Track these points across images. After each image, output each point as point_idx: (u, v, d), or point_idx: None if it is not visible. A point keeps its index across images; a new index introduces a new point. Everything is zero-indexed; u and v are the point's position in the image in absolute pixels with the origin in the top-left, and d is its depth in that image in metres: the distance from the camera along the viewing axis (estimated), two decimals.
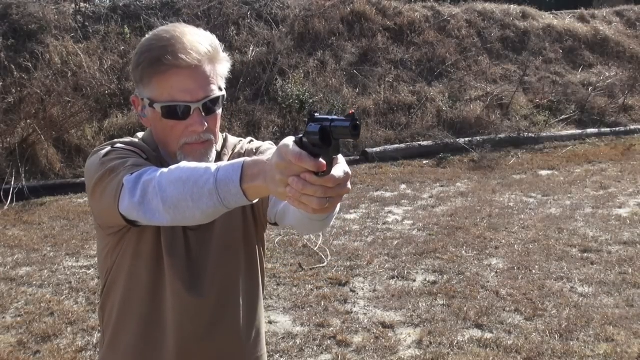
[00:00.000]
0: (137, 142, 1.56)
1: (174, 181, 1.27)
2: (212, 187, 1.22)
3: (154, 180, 1.30)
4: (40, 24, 9.62)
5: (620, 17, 15.22)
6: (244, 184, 1.20)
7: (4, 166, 7.83)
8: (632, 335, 4.06)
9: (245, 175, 1.20)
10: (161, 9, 10.74)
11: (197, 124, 1.46)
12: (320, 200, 1.10)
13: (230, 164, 1.23)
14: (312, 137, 1.08)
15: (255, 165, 1.20)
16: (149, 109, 1.50)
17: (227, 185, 1.21)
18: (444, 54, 12.04)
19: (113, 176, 1.39)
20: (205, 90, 1.47)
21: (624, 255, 5.49)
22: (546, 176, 8.65)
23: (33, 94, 8.63)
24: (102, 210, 1.47)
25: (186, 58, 1.43)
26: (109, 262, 1.57)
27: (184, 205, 1.26)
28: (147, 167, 1.38)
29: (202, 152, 1.50)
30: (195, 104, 1.46)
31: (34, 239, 6.06)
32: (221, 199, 1.22)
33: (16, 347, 3.97)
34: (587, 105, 11.86)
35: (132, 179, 1.33)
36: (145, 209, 1.31)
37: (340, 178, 1.10)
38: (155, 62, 1.44)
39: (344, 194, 1.14)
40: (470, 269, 5.23)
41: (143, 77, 1.48)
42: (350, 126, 1.04)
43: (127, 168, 1.39)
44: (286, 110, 9.92)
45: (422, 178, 8.49)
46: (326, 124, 1.07)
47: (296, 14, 11.62)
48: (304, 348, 3.94)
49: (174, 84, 1.45)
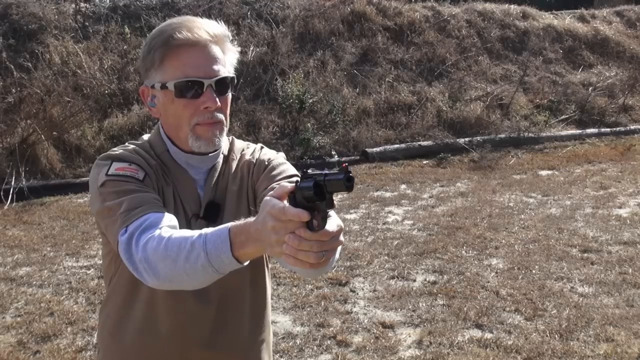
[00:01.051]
0: (139, 151, 1.54)
1: (162, 259, 1.28)
2: (205, 262, 1.24)
3: (144, 251, 1.31)
4: (40, 23, 9.62)
5: (620, 17, 15.21)
6: (235, 252, 1.22)
7: (4, 166, 7.83)
8: (632, 336, 4.06)
9: (234, 244, 1.22)
10: (161, 9, 10.75)
11: (210, 101, 1.46)
12: (317, 255, 1.13)
13: (216, 234, 1.24)
14: (305, 193, 1.11)
15: (241, 231, 1.21)
16: (160, 94, 1.49)
17: (219, 257, 1.23)
18: (444, 54, 12.04)
19: (111, 219, 1.41)
20: (217, 68, 1.48)
21: (624, 255, 5.49)
22: (546, 176, 8.65)
23: (33, 94, 8.63)
24: (104, 233, 1.50)
25: (199, 33, 1.45)
26: (112, 268, 1.58)
27: (179, 279, 1.29)
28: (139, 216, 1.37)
29: (213, 133, 1.50)
30: (208, 80, 1.46)
31: (34, 239, 6.06)
32: (215, 269, 1.25)
33: (16, 347, 3.97)
34: (587, 105, 11.86)
35: (124, 241, 1.35)
36: (140, 276, 1.34)
37: (334, 232, 1.13)
38: (167, 41, 1.45)
39: (338, 247, 1.17)
40: (470, 269, 5.23)
41: (155, 59, 1.48)
42: (344, 179, 1.07)
43: (121, 216, 1.39)
44: (286, 110, 9.91)
45: (422, 178, 8.49)
46: (319, 178, 1.10)
47: (296, 14, 11.62)
48: (304, 348, 3.94)
49: (186, 61, 1.45)
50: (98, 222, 1.49)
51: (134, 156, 1.51)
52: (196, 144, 1.50)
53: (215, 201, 1.55)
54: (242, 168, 1.60)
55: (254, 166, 1.59)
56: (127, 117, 9.10)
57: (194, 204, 1.54)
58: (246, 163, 1.60)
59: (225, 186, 1.57)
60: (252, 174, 1.58)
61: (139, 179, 1.47)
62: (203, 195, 1.55)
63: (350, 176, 1.07)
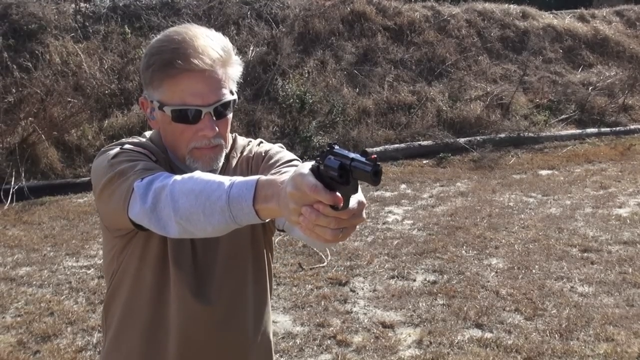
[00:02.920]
0: (146, 143, 1.53)
1: (186, 193, 1.24)
2: (225, 204, 1.20)
3: (166, 188, 1.28)
4: (40, 23, 9.62)
5: (620, 17, 15.20)
6: (256, 204, 1.18)
7: (4, 166, 7.82)
8: (632, 335, 4.06)
9: (258, 196, 1.18)
10: (161, 9, 10.74)
11: (207, 129, 1.44)
12: (334, 232, 1.08)
13: (244, 181, 1.20)
14: (330, 172, 1.04)
15: (269, 186, 1.17)
16: (158, 112, 1.47)
17: (240, 203, 1.19)
18: (444, 53, 12.03)
19: (122, 180, 1.37)
20: (217, 94, 1.44)
21: (624, 255, 5.49)
22: (546, 176, 8.65)
23: (33, 93, 8.63)
24: (109, 213, 1.46)
25: (198, 62, 1.40)
26: (114, 264, 1.56)
27: (195, 218, 1.24)
28: (157, 172, 1.35)
29: (211, 157, 1.48)
30: (206, 108, 1.43)
31: (34, 238, 6.06)
32: (233, 216, 1.21)
33: (16, 347, 3.97)
34: (587, 105, 11.85)
35: (143, 185, 1.31)
36: (157, 216, 1.29)
37: (355, 209, 1.07)
38: (166, 66, 1.42)
39: (358, 224, 1.11)
40: (470, 268, 5.23)
41: (153, 79, 1.45)
42: (371, 172, 1.00)
43: (137, 172, 1.36)
44: (286, 110, 9.91)
45: (422, 178, 8.49)
46: (346, 161, 1.03)
47: (296, 13, 11.61)
48: (304, 348, 3.94)
49: (185, 88, 1.42)
50: (102, 196, 1.43)
51: (143, 145, 1.51)
52: (194, 165, 1.48)
53: None
54: (242, 164, 1.59)
55: (252, 160, 1.58)
56: (127, 117, 9.10)
57: None
58: (245, 159, 1.60)
59: None
60: (251, 167, 1.58)
61: (151, 159, 1.46)
62: None
63: (378, 170, 0.99)
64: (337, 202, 1.04)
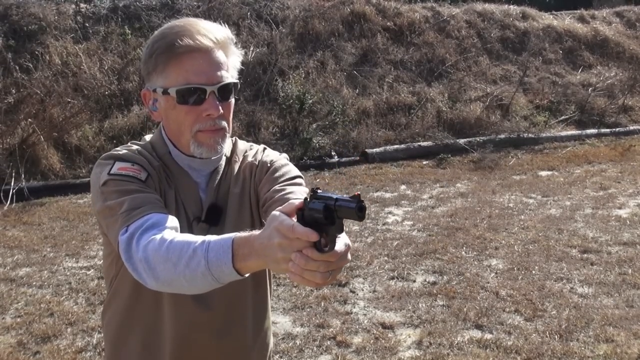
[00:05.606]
0: (142, 151, 1.52)
1: (162, 261, 1.26)
2: (205, 270, 1.22)
3: (143, 255, 1.29)
4: (40, 24, 9.63)
5: (620, 18, 15.22)
6: (236, 264, 1.19)
7: (3, 167, 7.83)
8: (632, 336, 4.06)
9: (236, 255, 1.19)
10: (161, 10, 10.75)
11: (212, 108, 1.44)
12: (323, 275, 1.10)
13: (219, 243, 1.22)
14: (315, 215, 1.08)
15: (245, 244, 1.18)
16: (161, 99, 1.47)
17: (220, 266, 1.21)
18: (444, 54, 12.04)
19: (112, 218, 1.39)
20: (220, 74, 1.45)
21: (624, 256, 5.49)
22: (546, 177, 8.65)
23: (33, 94, 8.63)
24: (105, 234, 1.48)
25: (201, 39, 1.43)
26: (114, 269, 1.57)
27: (177, 284, 1.27)
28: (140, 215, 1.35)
29: (215, 140, 1.48)
30: (211, 87, 1.44)
31: (34, 239, 6.06)
32: (215, 278, 1.23)
33: (16, 347, 3.97)
34: (587, 105, 11.86)
35: (124, 241, 1.33)
36: (139, 277, 1.32)
37: (342, 252, 1.10)
38: (169, 47, 1.43)
39: (344, 265, 1.14)
40: (470, 269, 5.23)
41: (157, 64, 1.46)
42: (355, 208, 1.03)
43: (122, 215, 1.37)
44: (286, 111, 9.92)
45: (422, 179, 8.49)
46: (330, 202, 1.06)
47: (296, 14, 11.62)
48: (304, 349, 3.94)
49: (189, 67, 1.43)
50: (99, 222, 1.48)
51: (137, 156, 1.50)
52: (198, 151, 1.49)
53: (217, 204, 1.53)
54: (245, 170, 1.58)
55: (257, 168, 1.57)
56: (127, 118, 9.10)
57: (196, 207, 1.52)
58: (248, 165, 1.58)
59: (227, 189, 1.55)
60: (255, 176, 1.57)
61: (141, 179, 1.45)
62: (205, 198, 1.54)
63: (362, 205, 1.03)
64: (312, 237, 1.07)
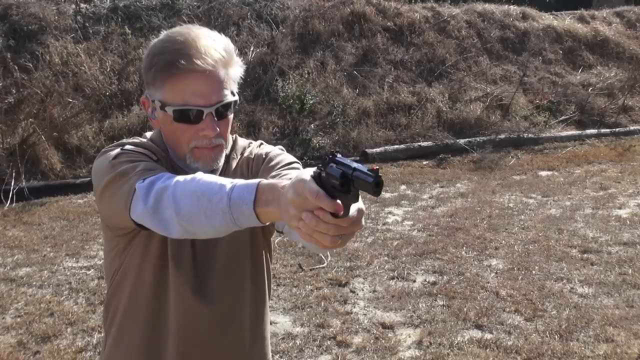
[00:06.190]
0: (147, 143, 1.54)
1: (188, 194, 1.25)
2: (226, 207, 1.21)
3: (168, 189, 1.28)
4: (41, 24, 9.62)
5: (620, 18, 15.21)
6: (257, 207, 1.18)
7: (4, 166, 7.82)
8: (632, 336, 4.06)
9: (259, 199, 1.18)
10: (161, 10, 10.74)
11: (209, 129, 1.45)
12: (333, 238, 1.09)
13: (245, 185, 1.21)
14: (332, 180, 1.06)
15: (270, 190, 1.17)
16: (159, 112, 1.48)
17: (241, 206, 1.19)
18: (444, 54, 12.04)
19: (124, 181, 1.38)
20: (219, 95, 1.45)
21: (624, 256, 5.49)
22: (546, 177, 8.65)
23: (33, 94, 8.63)
24: (111, 213, 1.46)
25: (201, 63, 1.41)
26: (116, 263, 1.57)
27: (196, 220, 1.25)
28: (159, 173, 1.36)
29: (211, 157, 1.49)
30: (208, 108, 1.44)
31: (34, 239, 6.06)
32: (234, 218, 1.21)
33: (16, 347, 3.97)
34: (587, 105, 11.86)
35: (144, 186, 1.32)
36: (159, 217, 1.29)
37: (354, 217, 1.09)
38: (168, 66, 1.42)
39: (356, 231, 1.12)
40: (470, 269, 5.23)
41: (156, 79, 1.46)
42: (373, 183, 1.01)
43: (138, 173, 1.37)
44: (286, 111, 9.92)
45: (422, 179, 8.49)
46: (348, 171, 1.04)
47: (296, 14, 11.62)
48: (304, 349, 3.95)
49: (187, 88, 1.43)
50: (103, 196, 1.44)
51: (144, 145, 1.52)
52: (194, 165, 1.50)
53: None
54: (242, 165, 1.60)
55: (253, 161, 1.59)
56: (128, 118, 9.10)
57: None
58: (245, 160, 1.60)
59: None
60: (252, 169, 1.58)
61: (152, 159, 1.47)
62: None
63: (379, 181, 1.01)
64: (338, 210, 1.06)
